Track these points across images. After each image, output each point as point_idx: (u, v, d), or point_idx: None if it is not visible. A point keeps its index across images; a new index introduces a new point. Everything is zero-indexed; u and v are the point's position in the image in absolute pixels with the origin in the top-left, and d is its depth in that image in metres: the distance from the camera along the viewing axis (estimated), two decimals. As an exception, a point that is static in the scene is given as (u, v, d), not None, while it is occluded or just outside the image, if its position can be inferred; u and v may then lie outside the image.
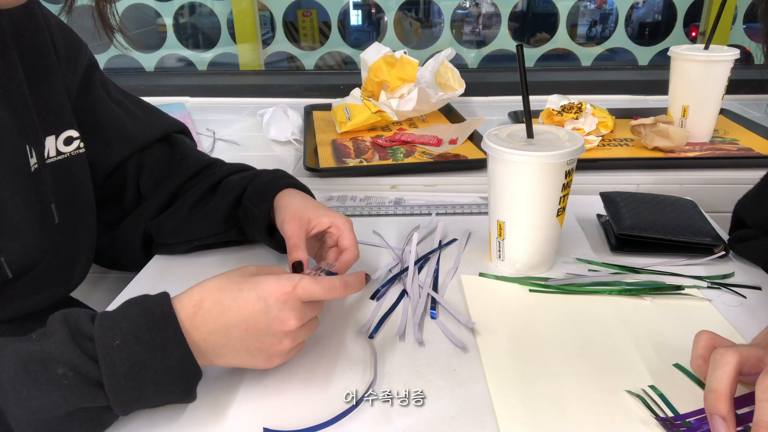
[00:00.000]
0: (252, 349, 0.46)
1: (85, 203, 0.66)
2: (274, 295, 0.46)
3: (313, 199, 0.66)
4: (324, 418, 0.46)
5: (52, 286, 0.63)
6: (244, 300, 0.45)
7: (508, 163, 0.60)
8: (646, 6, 1.92)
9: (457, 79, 1.23)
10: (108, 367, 0.41)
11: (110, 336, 0.42)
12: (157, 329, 0.43)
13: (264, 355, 0.47)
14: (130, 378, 0.42)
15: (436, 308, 0.60)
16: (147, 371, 0.42)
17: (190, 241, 0.70)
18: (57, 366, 0.40)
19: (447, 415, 0.46)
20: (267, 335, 0.46)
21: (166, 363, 0.43)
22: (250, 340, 0.46)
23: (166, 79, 1.54)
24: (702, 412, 0.44)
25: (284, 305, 0.46)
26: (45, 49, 0.62)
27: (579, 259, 0.68)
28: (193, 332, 0.45)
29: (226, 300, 0.45)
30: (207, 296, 0.46)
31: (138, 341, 0.42)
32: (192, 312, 0.45)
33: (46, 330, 0.43)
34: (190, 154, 0.74)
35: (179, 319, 0.44)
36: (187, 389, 0.45)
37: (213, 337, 0.45)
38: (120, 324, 0.43)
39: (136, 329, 0.43)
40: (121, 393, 0.42)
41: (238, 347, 0.46)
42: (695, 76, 0.99)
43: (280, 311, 0.46)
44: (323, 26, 1.69)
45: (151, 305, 0.44)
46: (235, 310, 0.45)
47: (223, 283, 0.47)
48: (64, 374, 0.40)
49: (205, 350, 0.45)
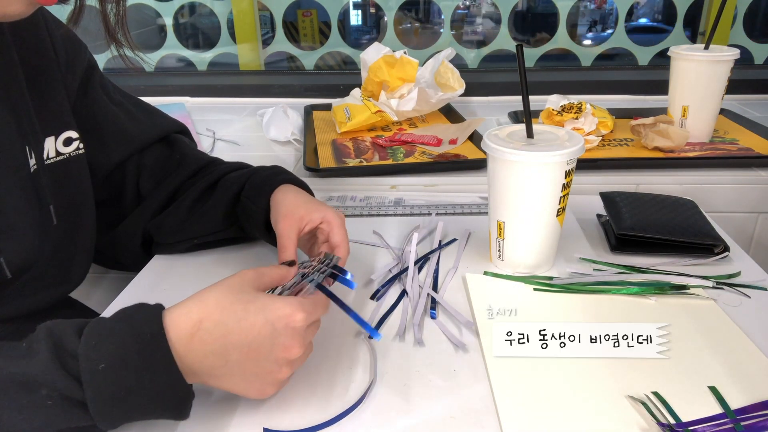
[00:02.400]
0: (248, 375, 0.44)
1: (84, 204, 0.66)
2: (284, 319, 0.43)
3: (307, 195, 0.66)
4: (324, 418, 0.46)
5: (51, 286, 0.63)
6: (250, 323, 0.43)
7: (508, 163, 0.60)
8: (646, 6, 1.92)
9: (457, 79, 1.23)
10: (92, 391, 0.39)
11: (95, 358, 0.39)
12: (146, 352, 0.40)
13: (259, 382, 0.45)
14: (116, 403, 0.40)
15: (436, 308, 0.60)
16: (133, 396, 0.40)
17: (189, 239, 0.70)
18: (40, 388, 0.39)
19: (447, 415, 0.46)
20: (268, 361, 0.44)
21: (154, 387, 0.41)
22: (249, 365, 0.43)
23: (166, 79, 1.54)
24: (704, 420, 0.43)
25: (292, 332, 0.44)
26: (45, 50, 0.62)
27: (583, 259, 0.68)
28: (188, 355, 0.42)
29: (230, 322, 0.43)
30: (207, 316, 0.43)
31: (124, 365, 0.40)
32: (189, 333, 0.42)
33: (30, 346, 0.41)
34: (189, 153, 0.74)
35: (171, 341, 0.41)
36: (178, 410, 0.43)
37: (210, 358, 0.43)
38: (106, 344, 0.40)
39: (123, 352, 0.40)
40: (107, 415, 0.40)
41: (235, 371, 0.44)
42: (695, 76, 0.99)
43: (286, 339, 0.44)
44: (323, 26, 1.69)
45: (141, 324, 0.42)
46: (239, 333, 0.42)
47: (226, 300, 0.44)
48: (48, 395, 0.39)
49: (199, 372, 0.43)
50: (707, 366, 0.51)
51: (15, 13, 0.48)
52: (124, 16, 0.55)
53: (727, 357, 0.52)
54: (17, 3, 0.47)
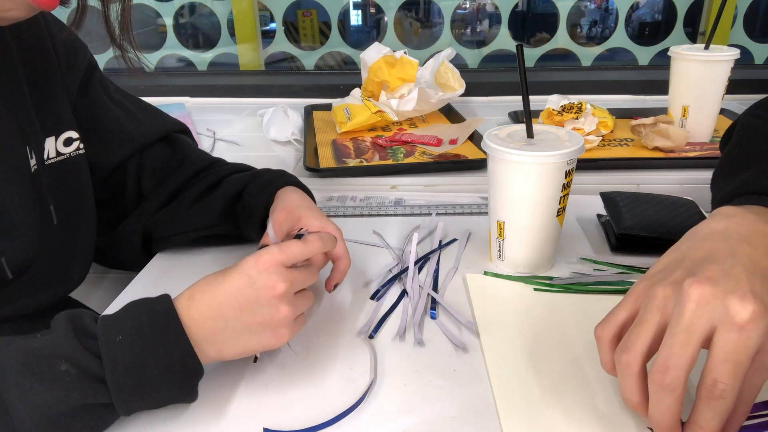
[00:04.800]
0: (253, 326, 0.46)
1: (84, 204, 0.66)
2: (254, 266, 0.47)
3: (310, 200, 0.66)
4: (324, 418, 0.46)
5: (51, 286, 0.63)
6: (228, 280, 0.46)
7: (508, 163, 0.60)
8: (646, 6, 1.92)
9: (457, 79, 1.23)
10: (110, 362, 0.42)
11: (113, 332, 0.43)
12: (159, 324, 0.44)
13: (268, 329, 0.47)
14: (131, 373, 0.42)
15: (436, 308, 0.60)
16: (148, 366, 0.43)
17: (185, 232, 0.70)
18: (60, 362, 0.41)
19: (447, 415, 0.46)
20: (261, 306, 0.46)
21: (167, 358, 0.43)
22: (246, 316, 0.46)
23: (166, 79, 1.54)
24: None
25: (267, 272, 0.47)
26: (45, 50, 0.62)
27: (583, 259, 0.68)
28: (192, 326, 0.45)
29: (212, 285, 0.47)
30: (196, 288, 0.47)
31: (140, 336, 0.43)
32: (187, 305, 0.46)
33: (49, 328, 0.43)
34: (192, 153, 0.75)
35: (179, 316, 0.45)
36: (188, 387, 0.46)
37: (210, 323, 0.46)
38: (123, 321, 0.44)
39: (138, 324, 0.43)
40: (123, 388, 0.42)
41: (238, 328, 0.46)
42: (695, 76, 0.99)
43: (265, 279, 0.46)
44: (323, 26, 1.69)
45: (153, 304, 0.46)
46: (222, 291, 0.46)
47: (211, 275, 0.48)
48: (67, 370, 0.41)
49: (207, 339, 0.46)
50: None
51: (14, 17, 0.49)
52: (129, 25, 0.56)
53: None
54: (17, 7, 0.48)
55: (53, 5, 0.48)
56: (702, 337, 0.37)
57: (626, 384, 0.40)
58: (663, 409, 0.38)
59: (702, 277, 0.38)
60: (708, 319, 0.37)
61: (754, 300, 0.36)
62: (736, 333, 0.36)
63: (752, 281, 0.37)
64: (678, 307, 0.38)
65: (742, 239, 0.42)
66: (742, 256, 0.40)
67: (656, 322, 0.39)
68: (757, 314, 0.36)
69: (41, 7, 0.48)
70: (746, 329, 0.36)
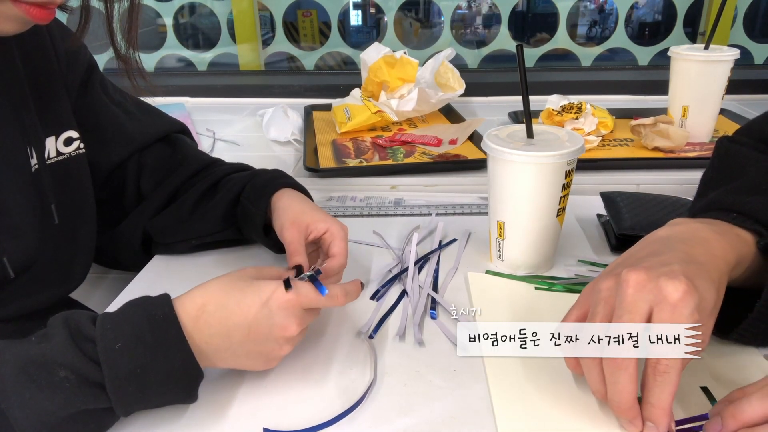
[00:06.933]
0: (252, 353, 0.47)
1: (85, 203, 0.66)
2: (277, 302, 0.46)
3: (310, 202, 0.66)
4: (324, 418, 0.46)
5: (51, 285, 0.63)
6: (247, 305, 0.46)
7: (508, 163, 0.60)
8: (646, 6, 1.92)
9: (457, 79, 1.23)
10: (110, 369, 0.41)
11: (112, 338, 0.42)
12: (159, 331, 0.43)
13: (263, 358, 0.48)
14: (132, 380, 0.42)
15: (436, 308, 0.60)
16: (149, 373, 0.42)
17: (188, 240, 0.70)
18: (59, 369, 0.40)
19: (447, 415, 0.46)
20: (268, 340, 0.47)
21: (168, 365, 0.43)
22: (251, 344, 0.46)
23: (166, 79, 1.54)
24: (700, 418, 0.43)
25: (286, 312, 0.46)
26: (45, 50, 0.62)
27: (583, 261, 0.68)
28: (195, 335, 0.45)
29: (230, 304, 0.46)
30: (210, 299, 0.46)
31: (140, 343, 0.42)
32: (194, 315, 0.45)
33: (46, 332, 0.43)
34: (191, 153, 0.75)
35: (181, 321, 0.44)
36: (188, 390, 0.45)
37: (215, 339, 0.45)
38: (122, 326, 0.43)
39: (138, 331, 0.43)
40: (123, 395, 0.42)
41: (239, 351, 0.46)
42: (695, 76, 0.99)
43: (282, 319, 0.46)
44: (323, 26, 1.69)
45: (152, 307, 0.45)
46: (239, 314, 0.45)
47: (226, 286, 0.47)
48: (66, 377, 0.40)
49: (207, 352, 0.46)
50: (700, 366, 0.51)
51: (8, 30, 0.49)
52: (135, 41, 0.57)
53: (720, 357, 0.52)
54: (11, 22, 0.49)
55: (47, 18, 0.49)
56: (643, 317, 0.40)
57: (592, 377, 0.43)
58: (619, 389, 0.40)
59: (639, 266, 0.42)
60: (646, 300, 0.40)
61: (685, 281, 0.40)
62: (670, 311, 0.40)
63: (685, 267, 0.41)
64: (619, 294, 0.41)
65: (681, 241, 0.46)
66: (678, 251, 0.44)
67: (605, 312, 0.42)
68: (686, 293, 0.39)
69: (35, 20, 0.49)
70: (678, 307, 0.39)
